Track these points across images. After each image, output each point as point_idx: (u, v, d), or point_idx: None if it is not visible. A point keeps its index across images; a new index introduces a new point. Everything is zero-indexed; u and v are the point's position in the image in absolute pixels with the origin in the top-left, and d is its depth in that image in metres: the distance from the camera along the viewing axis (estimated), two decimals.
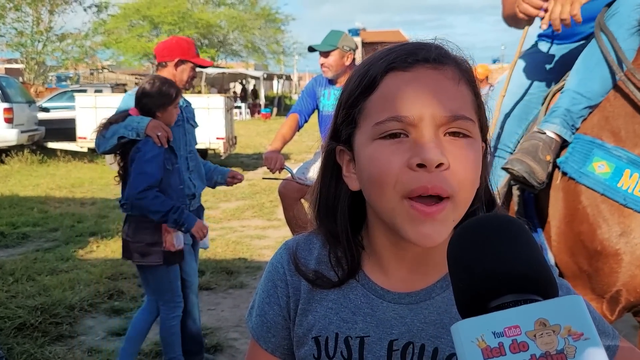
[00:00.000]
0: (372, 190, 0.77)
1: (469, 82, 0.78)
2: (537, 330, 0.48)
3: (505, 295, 0.52)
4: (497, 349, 0.48)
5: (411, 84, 0.74)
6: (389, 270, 0.83)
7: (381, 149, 0.75)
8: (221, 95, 13.09)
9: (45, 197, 8.60)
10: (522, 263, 0.53)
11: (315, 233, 0.90)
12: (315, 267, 0.87)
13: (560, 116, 2.01)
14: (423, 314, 0.80)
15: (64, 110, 13.43)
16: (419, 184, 0.71)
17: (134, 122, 2.91)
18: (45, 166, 11.83)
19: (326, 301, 0.85)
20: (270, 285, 0.90)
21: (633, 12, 1.93)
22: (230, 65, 34.84)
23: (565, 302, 0.49)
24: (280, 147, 3.94)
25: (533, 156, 1.98)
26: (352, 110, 0.79)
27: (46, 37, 23.16)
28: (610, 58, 1.93)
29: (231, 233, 6.74)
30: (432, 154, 0.70)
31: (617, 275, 1.87)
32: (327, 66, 3.86)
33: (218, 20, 30.38)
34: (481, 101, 0.80)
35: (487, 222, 0.58)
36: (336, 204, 0.85)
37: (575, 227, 1.96)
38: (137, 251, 2.97)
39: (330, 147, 0.85)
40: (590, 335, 0.48)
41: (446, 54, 0.78)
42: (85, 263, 5.42)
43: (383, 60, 0.77)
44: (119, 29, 27.99)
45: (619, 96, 1.97)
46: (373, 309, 0.82)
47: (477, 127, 0.77)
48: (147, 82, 3.02)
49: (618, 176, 1.88)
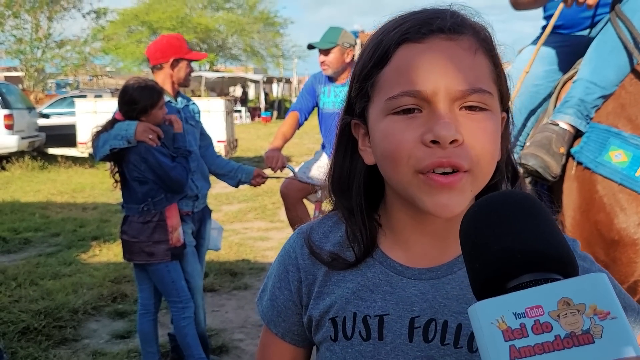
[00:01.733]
0: (386, 166, 0.75)
1: (487, 52, 0.75)
2: (561, 310, 0.46)
3: (523, 274, 0.50)
4: (518, 330, 0.46)
5: (425, 57, 0.71)
6: (408, 245, 0.81)
7: (394, 125, 0.72)
8: (221, 98, 13.09)
9: (46, 202, 8.59)
10: (541, 241, 0.51)
11: (329, 216, 0.88)
12: (331, 249, 0.84)
13: (574, 106, 1.97)
14: (445, 289, 0.77)
15: (64, 116, 13.42)
16: (432, 159, 0.69)
17: (122, 131, 2.88)
18: (46, 172, 11.81)
19: (343, 282, 0.82)
20: (282, 270, 0.88)
21: None
22: (229, 69, 34.85)
23: (589, 280, 0.47)
24: (281, 146, 3.90)
25: (547, 149, 1.94)
26: (365, 83, 0.77)
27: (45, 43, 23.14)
28: (630, 45, 1.89)
29: (234, 235, 6.71)
30: (445, 130, 0.68)
31: (636, 265, 1.84)
32: (327, 64, 3.81)
33: (217, 25, 30.39)
34: (501, 70, 0.77)
35: (503, 199, 0.56)
36: (351, 179, 0.83)
37: (591, 217, 1.92)
38: (144, 250, 2.97)
39: (345, 121, 0.83)
40: (617, 314, 0.45)
41: (462, 22, 0.74)
42: (88, 267, 5.40)
43: (396, 30, 0.74)
44: (117, 34, 28.01)
45: (636, 82, 1.93)
46: (392, 287, 0.79)
47: (495, 99, 0.74)
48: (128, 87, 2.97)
49: (636, 165, 1.84)
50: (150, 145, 2.89)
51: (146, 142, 2.88)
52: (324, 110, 4.00)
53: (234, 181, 3.50)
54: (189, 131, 3.31)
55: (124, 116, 2.97)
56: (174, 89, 3.33)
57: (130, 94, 2.94)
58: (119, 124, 2.93)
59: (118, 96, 3.02)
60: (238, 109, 25.70)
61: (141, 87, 2.95)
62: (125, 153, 2.93)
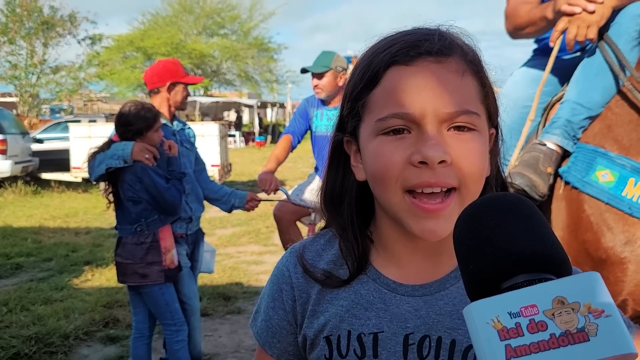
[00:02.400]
0: (376, 185, 0.77)
1: (475, 73, 0.76)
2: (556, 308, 0.46)
3: (517, 275, 0.50)
4: (514, 329, 0.46)
5: (413, 79, 0.73)
6: (401, 262, 0.81)
7: (384, 145, 0.74)
8: (216, 122, 13.14)
9: (39, 227, 8.53)
10: (535, 241, 0.51)
11: (321, 234, 0.89)
12: (324, 267, 0.85)
13: (561, 127, 2.00)
14: (438, 305, 0.78)
15: (58, 141, 13.42)
16: (421, 179, 0.71)
17: (118, 150, 2.90)
18: (39, 197, 11.75)
19: (337, 299, 0.82)
20: (275, 289, 0.88)
21: (632, 22, 1.94)
22: (223, 94, 35.03)
23: (583, 279, 0.48)
24: (274, 168, 3.91)
25: (534, 169, 1.96)
26: (356, 103, 0.79)
27: (40, 69, 23.25)
28: (616, 67, 1.93)
29: (228, 259, 6.68)
30: (433, 151, 0.70)
31: (623, 285, 1.84)
32: (320, 87, 3.84)
33: (211, 50, 30.62)
34: (489, 90, 0.78)
35: (496, 201, 0.56)
36: (343, 195, 0.84)
37: (579, 236, 1.94)
38: (137, 272, 2.95)
39: (337, 138, 0.84)
40: (611, 312, 0.46)
41: (450, 44, 0.76)
42: (80, 292, 5.34)
43: (386, 52, 0.76)
44: (112, 60, 28.16)
45: (622, 104, 1.96)
46: (386, 304, 0.80)
47: (483, 119, 0.76)
48: (125, 109, 3.00)
49: (622, 185, 1.86)
50: (146, 165, 2.90)
51: (142, 162, 2.89)
52: (317, 133, 4.02)
53: (227, 206, 3.51)
54: (184, 154, 3.33)
55: (120, 137, 2.99)
56: (170, 112, 3.36)
57: (126, 116, 2.96)
58: (116, 144, 2.95)
59: (115, 118, 3.05)
60: (232, 134, 25.79)
61: (137, 109, 2.98)
62: (120, 172, 2.93)
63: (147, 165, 2.90)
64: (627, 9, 1.98)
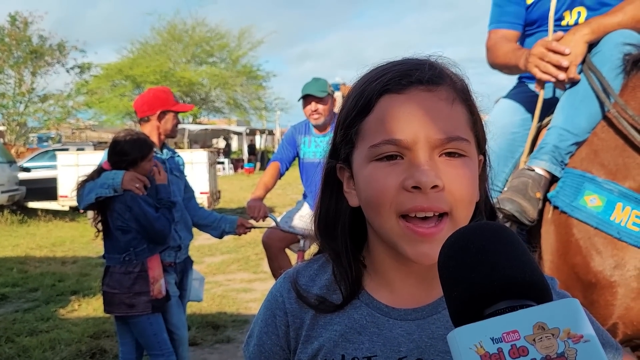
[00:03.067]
0: (370, 210, 0.78)
1: (464, 101, 0.79)
2: (536, 334, 0.48)
3: (499, 301, 0.52)
4: (496, 354, 0.47)
5: (405, 107, 0.75)
6: (393, 286, 0.83)
7: (377, 171, 0.76)
8: (204, 150, 13.15)
9: (25, 257, 8.42)
10: (516, 269, 0.53)
11: (314, 260, 0.90)
12: (318, 292, 0.86)
13: (549, 153, 2.03)
14: (431, 329, 0.79)
15: (45, 169, 13.34)
16: (414, 204, 0.73)
17: (108, 180, 2.90)
18: (25, 226, 11.63)
19: (331, 324, 0.83)
20: (268, 315, 0.89)
21: (615, 50, 1.99)
22: (212, 121, 35.12)
23: (562, 305, 0.49)
24: (263, 196, 3.92)
25: (523, 194, 1.99)
26: (349, 130, 0.81)
27: (28, 98, 23.24)
28: (601, 94, 1.97)
29: (217, 287, 6.62)
30: (426, 177, 0.72)
31: (613, 308, 1.85)
32: (320, 112, 3.86)
33: (200, 79, 30.79)
34: (477, 117, 0.81)
35: (479, 229, 0.58)
36: (336, 220, 0.86)
37: (568, 260, 1.95)
38: (124, 302, 2.92)
39: (330, 165, 0.86)
40: (590, 338, 0.47)
41: (440, 73, 0.79)
42: (67, 322, 5.26)
43: (378, 81, 0.78)
44: (101, 88, 28.20)
45: (607, 130, 2.00)
46: (379, 328, 0.81)
47: (472, 145, 0.78)
48: (119, 138, 3.01)
49: (610, 209, 1.88)
50: (136, 194, 2.90)
51: (133, 191, 2.88)
52: (305, 160, 4.04)
53: (218, 232, 3.50)
54: (173, 182, 3.34)
55: (113, 166, 2.98)
56: (160, 140, 3.37)
57: (122, 145, 2.96)
58: (106, 173, 2.94)
59: (109, 147, 3.04)
60: (221, 161, 25.79)
61: (133, 139, 2.99)
62: (110, 201, 2.92)
63: (137, 194, 2.90)
64: (609, 37, 2.03)
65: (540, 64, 2.04)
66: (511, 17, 2.43)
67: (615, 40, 2.02)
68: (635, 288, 1.84)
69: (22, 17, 22.63)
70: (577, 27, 2.11)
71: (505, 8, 2.44)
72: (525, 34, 2.44)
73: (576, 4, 2.27)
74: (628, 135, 1.91)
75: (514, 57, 2.24)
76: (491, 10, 2.51)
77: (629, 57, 1.98)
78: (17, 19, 22.53)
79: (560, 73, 2.01)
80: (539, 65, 2.05)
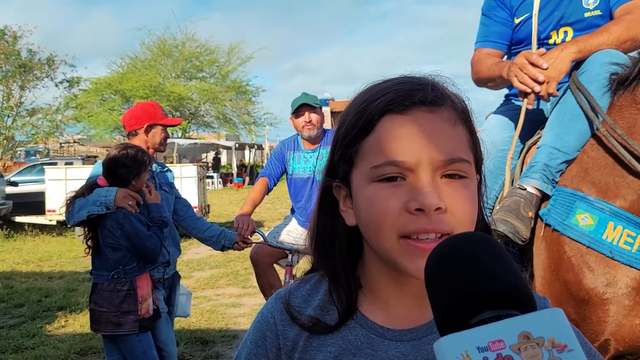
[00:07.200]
0: (370, 230, 0.77)
1: (465, 122, 0.79)
2: (522, 343, 0.48)
3: (485, 311, 0.52)
4: None
5: (408, 128, 0.75)
6: (388, 306, 0.82)
7: (378, 192, 0.75)
8: (193, 164, 13.12)
9: (10, 272, 8.32)
10: (501, 279, 0.54)
11: (306, 279, 0.89)
12: (311, 314, 0.84)
13: (540, 171, 2.04)
14: (426, 350, 0.78)
15: (33, 183, 13.23)
16: (418, 226, 0.72)
17: (101, 197, 2.86)
18: (11, 241, 11.51)
19: (324, 346, 0.82)
20: (258, 336, 0.86)
21: (601, 70, 2.01)
22: (202, 136, 35.06)
23: (546, 315, 0.50)
24: (250, 211, 3.91)
25: (516, 214, 2.00)
26: (348, 149, 0.80)
27: (16, 112, 23.12)
28: (590, 113, 1.99)
29: (205, 302, 6.57)
30: (430, 199, 0.71)
31: (605, 325, 1.86)
32: (314, 122, 3.88)
33: (189, 93, 30.74)
34: (477, 138, 0.81)
35: (466, 240, 0.59)
36: (333, 239, 0.84)
37: (561, 276, 1.95)
38: (111, 321, 2.88)
39: (327, 183, 0.85)
40: (574, 347, 0.48)
41: (442, 94, 0.78)
42: (53, 339, 5.19)
43: (380, 100, 0.77)
44: (90, 103, 28.10)
45: (597, 148, 2.01)
46: (374, 349, 0.80)
47: (472, 166, 0.78)
48: (119, 152, 2.99)
49: (602, 228, 1.89)
50: (128, 212, 2.87)
51: (125, 209, 2.86)
52: (295, 176, 4.05)
53: (218, 246, 3.55)
54: (162, 196, 3.32)
55: (113, 180, 2.95)
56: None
57: (124, 159, 2.94)
58: (98, 190, 2.91)
59: (109, 161, 2.99)
60: (210, 175, 25.72)
61: (134, 150, 2.97)
62: (101, 218, 2.89)
63: (129, 212, 2.88)
64: (595, 57, 2.05)
65: (519, 74, 2.08)
66: (496, 36, 2.48)
67: (601, 60, 2.03)
68: (627, 305, 1.85)
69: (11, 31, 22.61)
70: (565, 44, 2.13)
71: (491, 28, 2.49)
72: (512, 52, 2.48)
73: (562, 24, 2.31)
74: (618, 154, 1.92)
75: (498, 68, 2.27)
76: (478, 29, 2.56)
77: (615, 76, 2.00)
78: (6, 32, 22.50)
79: (535, 85, 2.04)
80: (517, 75, 2.08)
